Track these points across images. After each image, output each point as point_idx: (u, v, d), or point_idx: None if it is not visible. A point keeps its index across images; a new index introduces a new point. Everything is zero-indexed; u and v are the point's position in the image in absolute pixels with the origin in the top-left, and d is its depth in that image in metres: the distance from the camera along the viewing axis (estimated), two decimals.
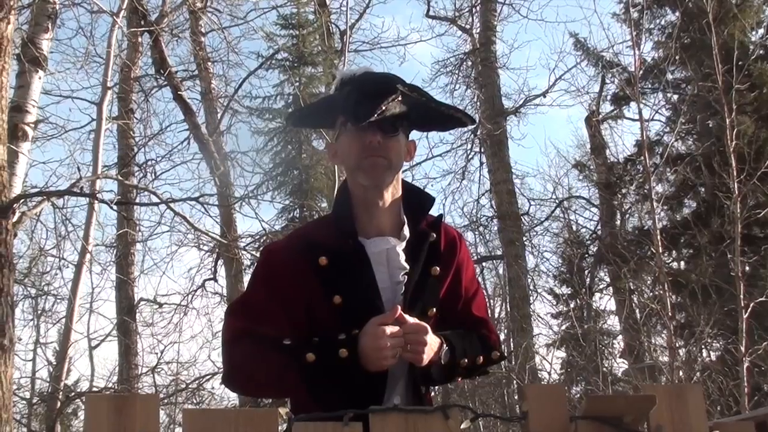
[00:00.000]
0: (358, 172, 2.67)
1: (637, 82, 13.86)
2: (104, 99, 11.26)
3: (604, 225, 19.31)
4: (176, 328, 14.87)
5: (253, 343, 2.56)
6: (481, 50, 20.03)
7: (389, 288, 2.65)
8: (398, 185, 2.76)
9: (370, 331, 2.47)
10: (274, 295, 2.61)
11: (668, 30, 17.19)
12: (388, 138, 2.67)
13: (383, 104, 2.59)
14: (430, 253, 2.73)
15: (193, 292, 14.89)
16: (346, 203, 2.73)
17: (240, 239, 13.97)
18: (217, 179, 13.30)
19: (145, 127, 15.84)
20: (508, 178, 18.93)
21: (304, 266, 2.61)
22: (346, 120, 2.70)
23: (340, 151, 2.77)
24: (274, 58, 15.40)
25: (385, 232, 2.71)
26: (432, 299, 2.72)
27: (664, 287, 11.98)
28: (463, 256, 2.86)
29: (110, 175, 12.23)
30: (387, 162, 2.66)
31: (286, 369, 2.50)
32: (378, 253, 2.66)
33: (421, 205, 2.80)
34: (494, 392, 17.52)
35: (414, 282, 2.66)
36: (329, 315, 2.59)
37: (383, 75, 2.85)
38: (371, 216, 2.71)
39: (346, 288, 2.60)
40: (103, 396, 1.76)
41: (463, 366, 2.71)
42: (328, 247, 2.63)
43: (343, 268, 2.61)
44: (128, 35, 13.36)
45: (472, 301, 2.89)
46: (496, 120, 18.91)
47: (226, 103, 14.99)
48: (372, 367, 2.48)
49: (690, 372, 12.34)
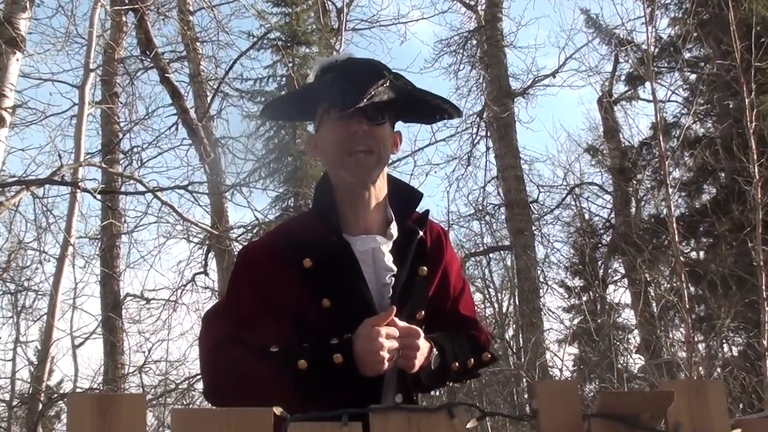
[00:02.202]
0: (342, 169, 2.63)
1: (651, 61, 13.82)
2: (86, 82, 11.25)
3: (618, 213, 19.33)
4: (165, 324, 14.85)
5: (237, 352, 2.50)
6: (487, 28, 20.03)
7: (375, 290, 2.64)
8: (384, 180, 2.73)
9: (365, 333, 2.45)
10: (257, 298, 2.57)
11: (685, 5, 17.15)
12: (375, 126, 2.63)
13: (372, 89, 2.56)
14: (417, 252, 2.71)
15: (183, 287, 14.88)
16: (329, 198, 2.69)
17: (232, 230, 13.94)
18: (206, 166, 13.27)
19: (130, 111, 15.81)
20: (515, 163, 18.96)
21: (288, 268, 2.58)
22: (329, 108, 2.66)
23: (322, 142, 2.72)
24: (267, 37, 15.33)
25: (372, 229, 2.68)
26: (420, 301, 2.71)
27: (682, 278, 11.99)
28: (449, 253, 2.85)
29: (93, 162, 12.23)
30: (375, 158, 2.62)
31: (276, 378, 2.45)
32: (364, 252, 2.65)
33: (408, 201, 2.78)
34: (503, 391, 17.50)
35: (401, 284, 2.65)
36: (318, 319, 2.56)
37: (369, 60, 2.80)
38: (356, 212, 2.68)
39: (335, 290, 2.58)
40: (86, 396, 1.76)
41: (454, 370, 2.71)
42: (311, 246, 2.61)
43: (329, 269, 2.59)
44: (111, 14, 13.31)
45: (460, 300, 2.89)
46: (503, 102, 18.93)
47: (216, 85, 14.95)
48: (368, 372, 2.46)
49: (710, 368, 12.37)
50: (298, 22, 15.20)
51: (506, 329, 18.57)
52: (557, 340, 18.73)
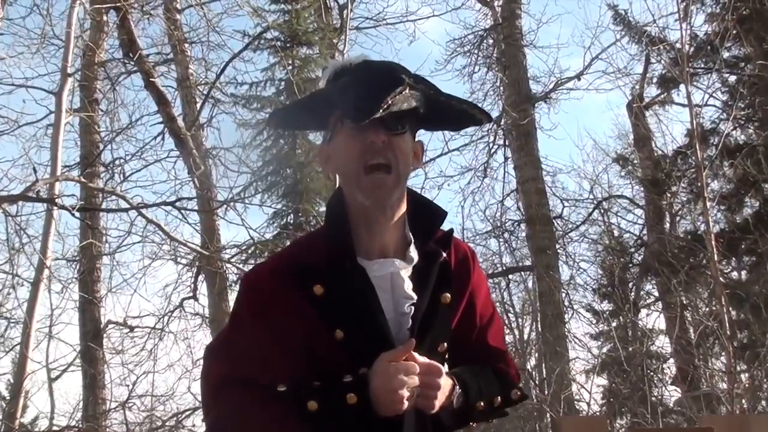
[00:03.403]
0: (358, 191, 2.61)
1: (686, 61, 13.81)
2: (64, 88, 11.30)
3: (651, 229, 19.28)
4: (150, 355, 14.90)
5: (243, 392, 2.50)
6: (504, 26, 20.04)
7: (393, 320, 2.60)
8: (404, 196, 2.69)
9: (381, 369, 2.44)
10: (263, 331, 2.55)
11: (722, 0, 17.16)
12: (394, 137, 2.60)
13: (389, 97, 2.52)
14: (440, 276, 2.68)
15: (170, 313, 14.93)
16: (342, 217, 2.66)
17: (224, 251, 13.96)
18: (196, 180, 13.29)
19: (111, 120, 15.89)
20: (537, 175, 18.94)
21: (297, 296, 2.56)
22: (342, 117, 2.62)
23: (335, 155, 2.70)
24: (263, 37, 15.38)
25: (389, 252, 2.66)
26: (443, 333, 2.69)
27: (722, 301, 11.95)
28: (476, 277, 2.82)
29: (72, 176, 12.25)
30: (394, 177, 2.59)
31: (283, 423, 2.45)
32: (381, 278, 2.61)
33: (430, 220, 2.74)
34: (524, 426, 17.45)
35: (422, 313, 2.61)
36: (330, 352, 2.54)
37: (386, 63, 2.77)
38: (372, 233, 2.65)
39: (349, 320, 2.55)
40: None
41: (479, 409, 2.69)
42: (322, 271, 2.58)
43: (342, 297, 2.56)
44: (91, 13, 13.36)
45: (488, 330, 2.86)
46: (523, 107, 18.93)
47: (207, 91, 15.00)
48: (385, 413, 2.44)
49: (754, 401, 12.31)
50: (297, 21, 15.24)
51: (528, 358, 18.55)
52: (584, 371, 18.68)
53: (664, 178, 18.67)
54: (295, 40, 15.12)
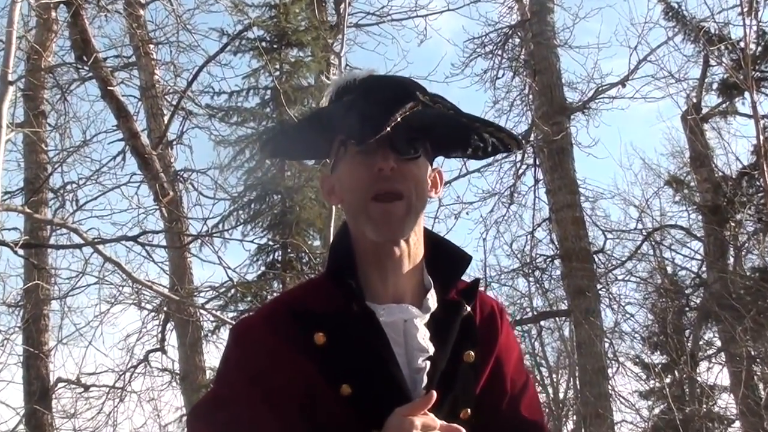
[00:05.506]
0: (365, 222, 2.63)
1: (750, 64, 13.76)
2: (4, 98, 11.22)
3: (711, 266, 19.20)
4: (109, 420, 14.85)
5: None
6: (534, 22, 20.07)
7: (407, 376, 2.61)
8: (421, 234, 2.72)
9: (396, 424, 2.43)
10: (256, 389, 2.55)
11: None
12: (406, 163, 2.62)
13: (398, 113, 2.54)
14: (462, 331, 2.69)
15: (133, 369, 14.90)
16: (348, 257, 2.68)
17: (197, 294, 13.92)
18: (164, 210, 13.25)
19: (62, 137, 15.92)
20: (574, 201, 18.90)
21: (295, 346, 2.57)
22: (346, 140, 2.66)
23: (339, 185, 2.73)
24: (244, 36, 15.39)
25: (403, 297, 2.67)
26: (466, 396, 2.69)
27: None
28: (505, 335, 2.84)
29: (13, 206, 12.21)
30: (404, 205, 2.60)
31: None
32: (392, 325, 2.62)
33: (452, 265, 2.77)
34: None
35: (441, 371, 2.62)
36: (335, 411, 2.54)
37: (396, 78, 2.85)
38: (384, 275, 2.66)
39: (356, 373, 2.56)
40: None
41: None
42: (324, 317, 2.59)
43: (348, 346, 2.57)
44: (37, 8, 13.33)
45: (521, 399, 2.84)
46: (556, 120, 18.92)
47: (177, 101, 14.98)
48: None
49: None
50: (286, 17, 15.24)
51: (564, 422, 18.48)
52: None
53: (726, 204, 18.63)
54: (283, 40, 15.14)
